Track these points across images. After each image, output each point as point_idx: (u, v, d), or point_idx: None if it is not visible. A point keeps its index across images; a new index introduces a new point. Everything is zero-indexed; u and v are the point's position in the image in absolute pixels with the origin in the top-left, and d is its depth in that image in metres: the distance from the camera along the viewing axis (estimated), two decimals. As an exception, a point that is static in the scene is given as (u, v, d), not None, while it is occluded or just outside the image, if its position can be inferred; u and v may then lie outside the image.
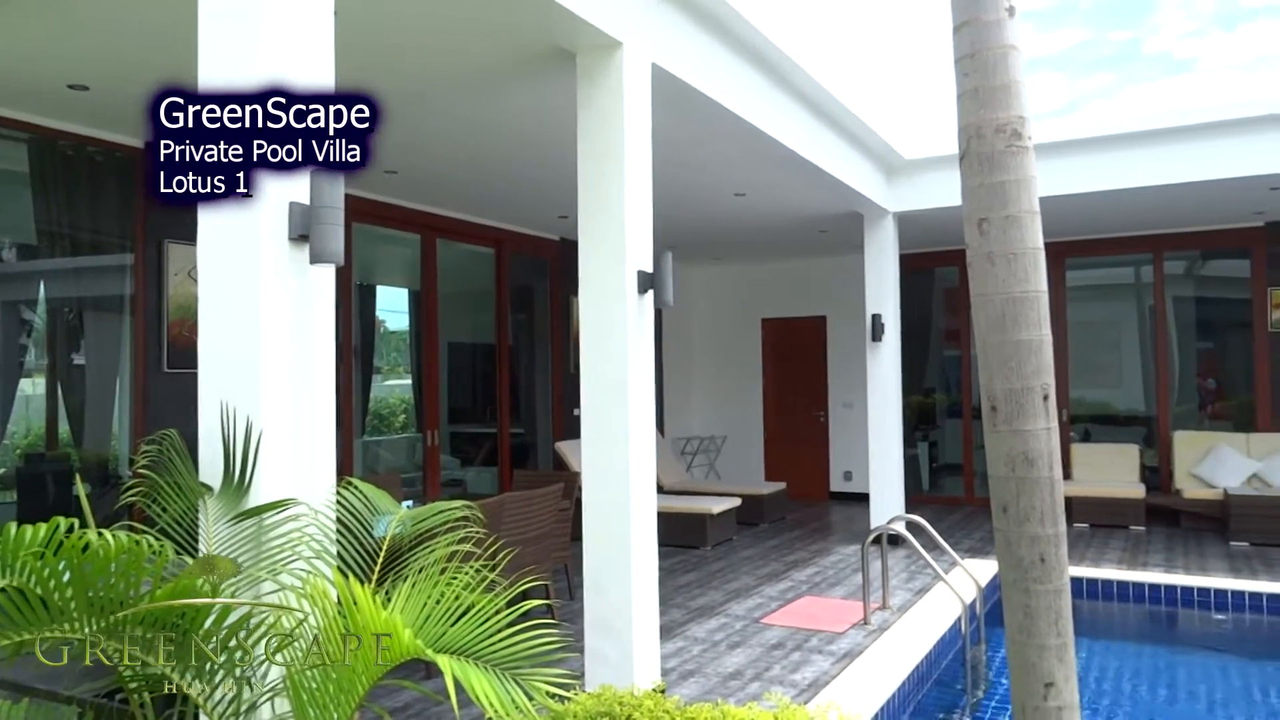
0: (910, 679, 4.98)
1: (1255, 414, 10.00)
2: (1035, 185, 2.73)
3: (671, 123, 5.59)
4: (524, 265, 9.99)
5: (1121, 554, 8.21)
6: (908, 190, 8.88)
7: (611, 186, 4.40)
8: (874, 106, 7.63)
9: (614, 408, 4.36)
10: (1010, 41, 2.73)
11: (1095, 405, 11.21)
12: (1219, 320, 10.86)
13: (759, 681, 4.91)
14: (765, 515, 10.15)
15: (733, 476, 12.51)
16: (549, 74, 4.87)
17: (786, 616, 6.25)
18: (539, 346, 10.22)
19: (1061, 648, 2.59)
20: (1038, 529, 2.59)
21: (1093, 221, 9.83)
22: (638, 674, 4.24)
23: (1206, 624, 6.89)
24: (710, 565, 8.02)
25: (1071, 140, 8.06)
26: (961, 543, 8.71)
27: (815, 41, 6.36)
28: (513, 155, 6.68)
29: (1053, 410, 2.67)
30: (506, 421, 9.54)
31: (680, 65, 4.88)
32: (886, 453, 8.87)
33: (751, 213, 9.04)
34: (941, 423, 12.17)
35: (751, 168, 7.19)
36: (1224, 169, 7.66)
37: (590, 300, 4.46)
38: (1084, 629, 6.65)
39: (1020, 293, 2.65)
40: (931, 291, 12.07)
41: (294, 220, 2.62)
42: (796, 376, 12.63)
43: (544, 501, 5.89)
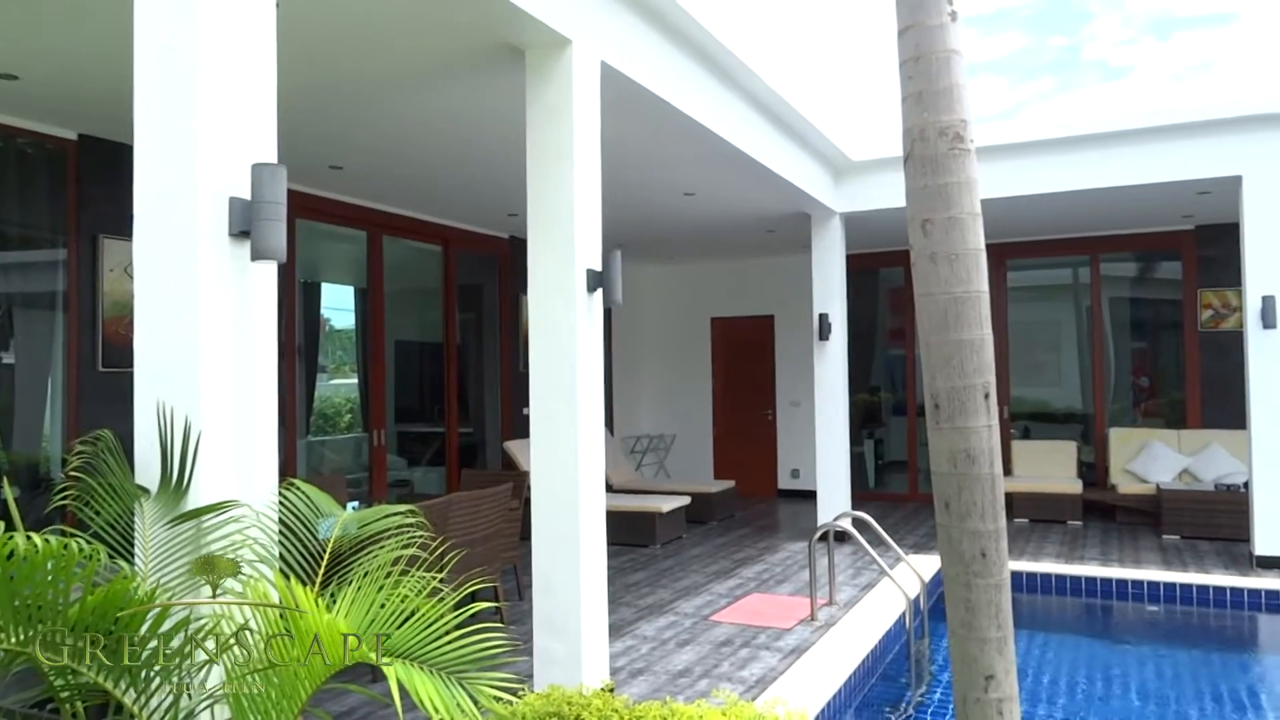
0: (856, 674, 5.05)
1: (1186, 411, 10.34)
2: (977, 188, 2.78)
3: (621, 121, 5.59)
4: (473, 263, 9.90)
5: (1059, 548, 8.42)
6: (854, 191, 9.00)
7: (561, 185, 4.38)
8: (822, 108, 7.71)
9: (563, 407, 4.34)
10: (953, 46, 2.78)
11: (1034, 403, 11.48)
12: (1152, 320, 11.20)
13: (708, 679, 4.93)
14: (714, 513, 10.21)
15: (682, 475, 12.57)
16: (498, 71, 4.84)
17: (735, 614, 6.29)
18: (488, 345, 10.15)
19: (1002, 640, 2.64)
20: (979, 524, 2.65)
21: (1032, 224, 10.07)
22: (587, 673, 4.24)
23: (1140, 615, 7.10)
24: (660, 563, 8.04)
25: (1012, 144, 8.25)
26: (906, 539, 8.86)
27: (764, 43, 6.41)
28: (461, 152, 6.62)
29: (993, 408, 2.72)
30: (455, 421, 9.46)
31: (630, 64, 4.88)
32: (833, 450, 8.98)
33: (700, 212, 9.08)
34: (887, 421, 12.36)
35: (701, 167, 7.22)
36: (1155, 174, 7.91)
37: (539, 299, 4.44)
38: (1024, 622, 6.82)
39: (962, 293, 2.70)
40: (877, 291, 12.27)
41: (234, 216, 2.56)
42: (745, 375, 12.72)
43: (492, 501, 5.85)
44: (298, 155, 6.52)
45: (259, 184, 2.57)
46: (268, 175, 2.58)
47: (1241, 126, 7.61)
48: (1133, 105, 8.10)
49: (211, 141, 2.53)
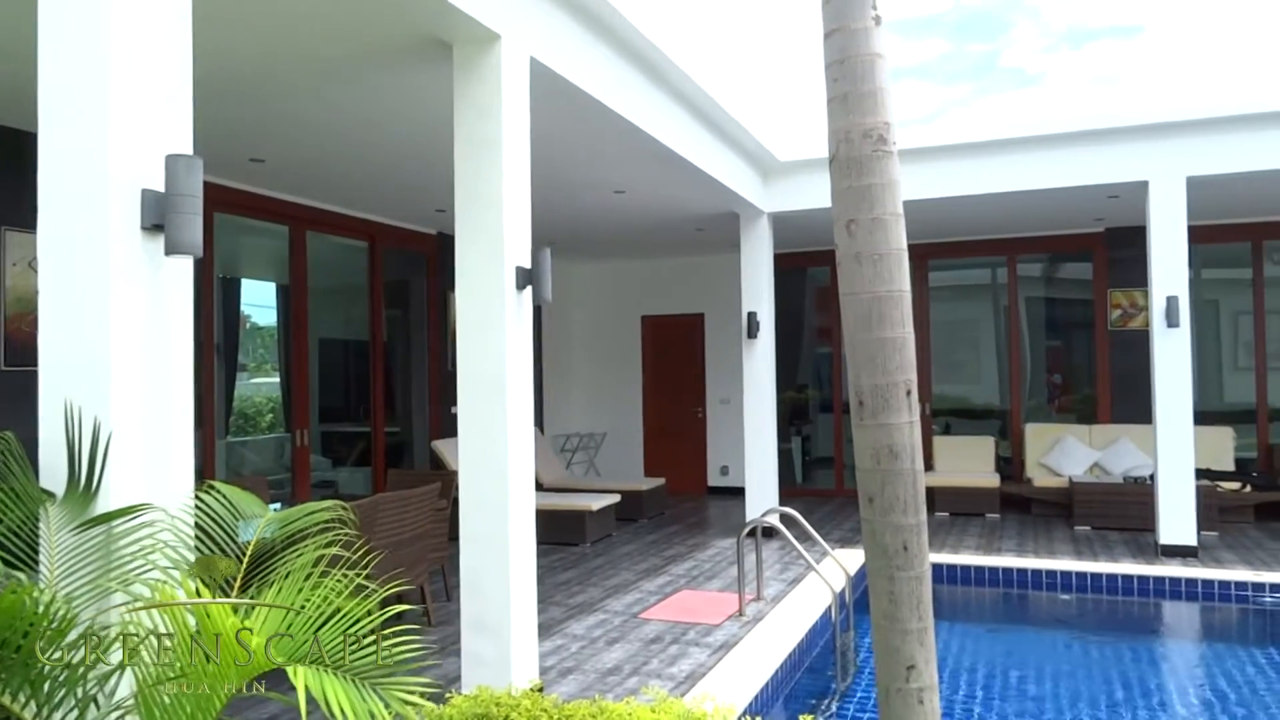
0: (783, 667, 5.12)
1: (1097, 407, 10.76)
2: (899, 189, 2.84)
3: (551, 118, 5.56)
4: (400, 259, 9.74)
5: (978, 540, 8.67)
6: (782, 191, 9.12)
7: (489, 181, 4.34)
8: (751, 109, 7.80)
9: (492, 405, 4.30)
10: (877, 50, 2.83)
11: (955, 399, 11.81)
12: (1065, 320, 11.62)
13: (637, 676, 4.95)
14: (645, 511, 10.24)
15: (612, 473, 12.57)
16: (425, 64, 4.77)
17: (664, 611, 6.32)
18: (415, 343, 10.00)
19: (923, 631, 2.71)
20: (901, 518, 2.71)
21: (953, 225, 10.35)
22: (515, 674, 4.21)
23: (1054, 604, 7.36)
24: (590, 562, 8.03)
25: (933, 147, 8.47)
26: (832, 533, 9.02)
27: (694, 43, 6.45)
28: (387, 146, 6.51)
29: (915, 405, 2.79)
30: (381, 420, 9.29)
31: (560, 60, 4.86)
32: (761, 447, 9.09)
33: (631, 210, 9.09)
34: (814, 417, 12.57)
35: (631, 165, 7.23)
36: (1068, 178, 8.20)
37: (468, 296, 4.39)
38: (944, 613, 7.01)
39: (885, 292, 2.76)
40: (805, 290, 12.46)
41: (147, 208, 2.47)
42: (675, 373, 12.79)
43: (420, 502, 5.77)
44: (216, 147, 6.33)
45: (173, 176, 2.48)
46: (183, 167, 2.49)
47: (1148, 134, 7.95)
48: (1048, 112, 8.38)
49: (122, 130, 2.44)
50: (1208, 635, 6.93)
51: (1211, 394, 10.62)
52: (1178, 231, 7.83)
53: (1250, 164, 7.66)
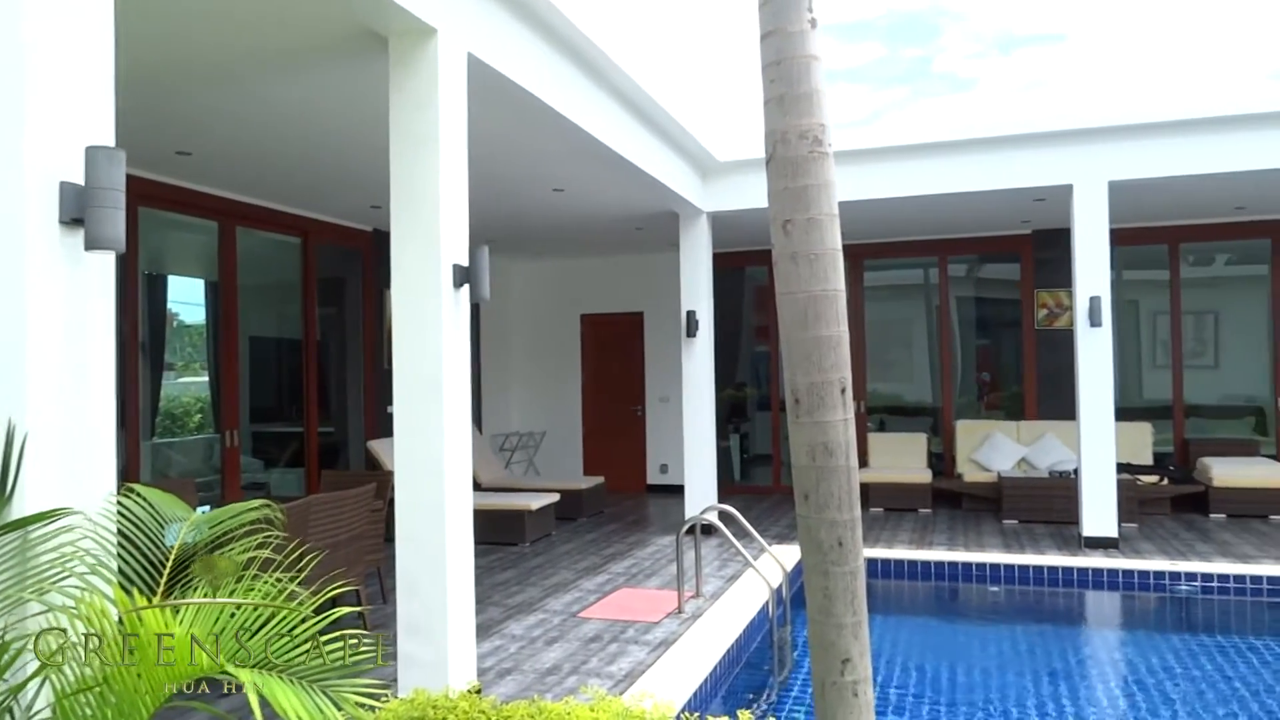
0: (721, 663, 5.16)
1: (1024, 404, 11.08)
2: (835, 190, 2.88)
3: (489, 115, 5.51)
4: (334, 256, 9.56)
5: (911, 535, 8.86)
6: (721, 191, 9.19)
7: (426, 177, 4.29)
8: (690, 109, 7.84)
9: (428, 404, 4.25)
10: (812, 52, 2.86)
11: (889, 397, 12.04)
12: (994, 319, 11.94)
13: (576, 675, 4.94)
14: (584, 509, 10.23)
15: (552, 472, 12.53)
16: (360, 57, 4.69)
17: (604, 609, 6.32)
18: (350, 341, 9.83)
19: (857, 625, 2.75)
20: (836, 514, 2.75)
21: (887, 226, 10.55)
22: (453, 676, 4.16)
23: (983, 596, 7.56)
24: (529, 561, 7.99)
25: (868, 149, 8.62)
26: (770, 530, 9.12)
27: (634, 42, 6.46)
28: (321, 140, 6.38)
29: (849, 402, 2.83)
30: (314, 420, 9.11)
31: (498, 57, 4.82)
32: (700, 445, 9.15)
33: (570, 208, 9.07)
34: (752, 415, 12.69)
35: (570, 163, 7.21)
36: (997, 181, 8.42)
37: (403, 294, 4.33)
38: (878, 606, 7.14)
39: (820, 291, 2.79)
40: (743, 290, 12.57)
41: (65, 202, 2.38)
42: (615, 372, 12.80)
43: (355, 503, 5.67)
44: (140, 139, 6.13)
45: (94, 168, 2.40)
46: (104, 159, 2.41)
47: (1072, 139, 8.20)
48: (978, 116, 8.60)
49: (39, 121, 2.34)
50: (1128, 623, 7.19)
51: (1131, 391, 11.02)
52: (1100, 234, 8.09)
53: (1167, 169, 7.96)
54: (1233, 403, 10.94)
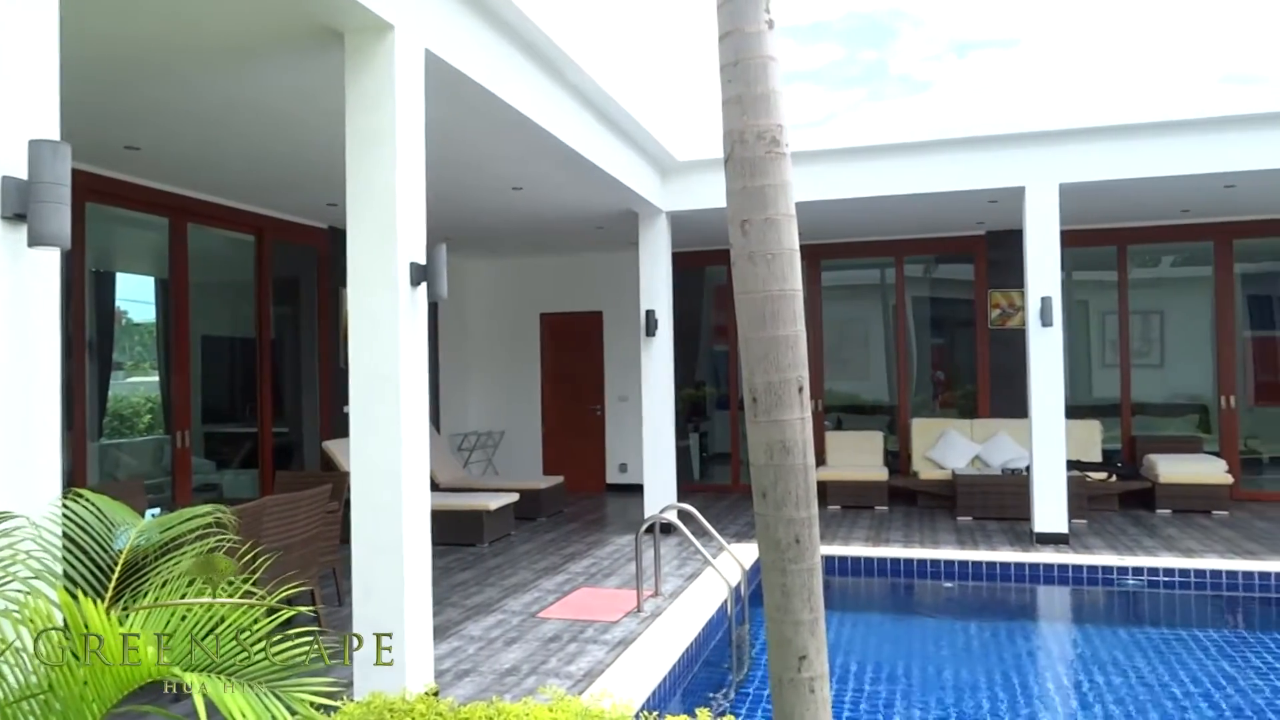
0: (680, 662, 5.18)
1: (977, 402, 11.26)
2: (792, 190, 2.90)
3: (447, 112, 5.47)
4: (289, 254, 9.42)
5: (868, 532, 8.96)
6: (680, 191, 9.21)
7: (382, 174, 4.24)
8: (649, 108, 7.84)
9: (385, 404, 4.21)
10: (770, 53, 2.88)
11: (846, 396, 12.17)
12: (948, 318, 12.12)
13: (535, 675, 4.92)
14: (543, 509, 10.20)
15: (511, 472, 12.48)
16: (315, 53, 4.62)
17: (563, 609, 6.30)
18: (306, 340, 9.69)
19: (814, 622, 2.78)
20: (793, 512, 2.77)
21: (844, 226, 10.65)
22: (410, 678, 4.13)
23: (938, 591, 7.67)
24: (487, 562, 7.95)
25: (826, 150, 8.70)
26: (729, 528, 9.16)
27: (593, 41, 6.45)
28: (275, 137, 6.28)
29: (806, 401, 2.85)
30: (269, 420, 8.97)
31: (456, 54, 4.79)
32: (659, 444, 9.16)
33: (529, 207, 9.03)
34: (711, 414, 12.74)
35: (529, 162, 7.18)
36: (952, 183, 8.55)
37: (359, 292, 4.28)
38: (835, 603, 7.21)
39: (778, 291, 2.81)
40: (702, 289, 12.62)
41: (8, 197, 2.31)
42: (574, 371, 12.77)
43: (310, 504, 5.59)
44: (87, 133, 5.99)
45: (37, 162, 2.34)
46: (48, 153, 2.35)
47: (1024, 142, 8.36)
48: (934, 119, 8.72)
49: (-21, 113, 2.28)
50: (1078, 617, 7.35)
51: (1081, 389, 11.26)
52: (1051, 235, 8.25)
53: (1116, 172, 8.14)
54: (1177, 401, 11.23)
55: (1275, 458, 10.96)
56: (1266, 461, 10.92)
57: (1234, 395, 10.70)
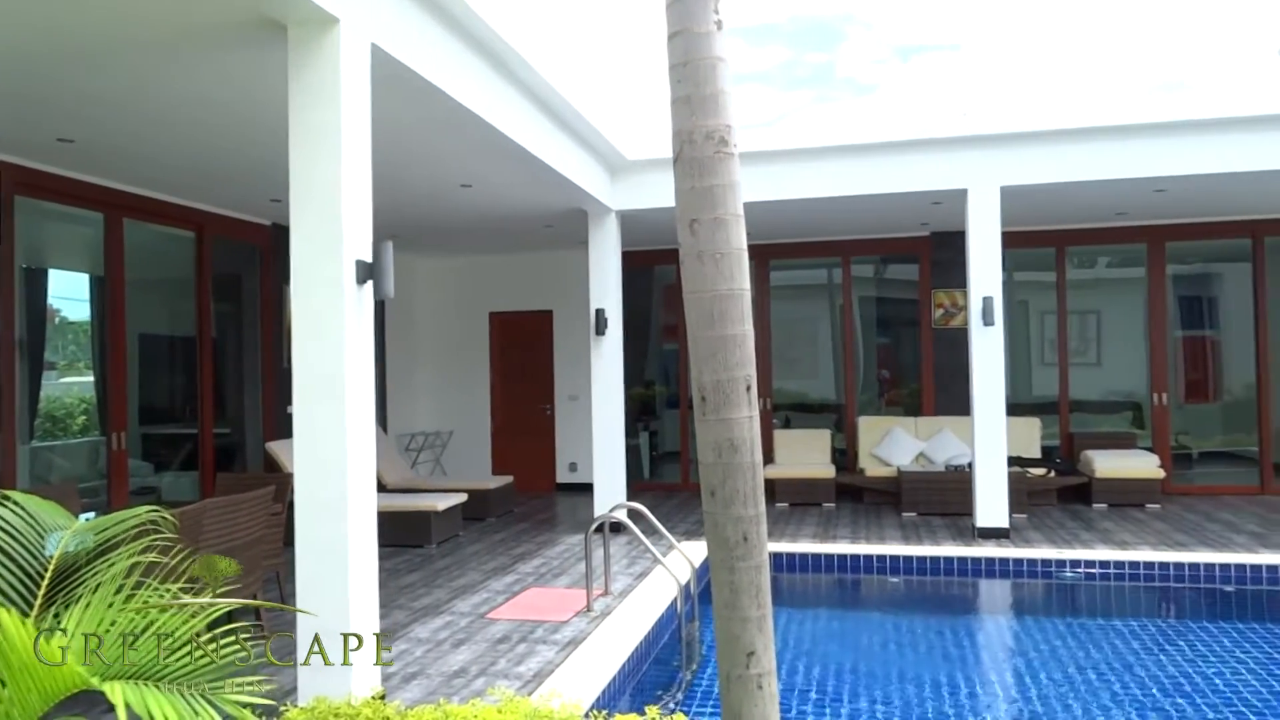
0: (630, 660, 5.19)
1: (922, 400, 11.46)
2: (740, 190, 2.92)
3: (394, 108, 5.40)
4: (231, 251, 9.22)
5: (815, 529, 9.06)
6: (630, 190, 9.22)
7: (327, 170, 4.18)
8: (599, 106, 7.83)
9: (330, 404, 4.14)
10: (718, 53, 2.90)
11: (794, 394, 12.29)
12: (894, 318, 12.32)
13: (484, 677, 4.89)
14: (492, 509, 10.13)
15: (459, 472, 12.37)
16: (259, 45, 4.53)
17: (512, 610, 6.27)
18: (248, 339, 9.50)
19: (761, 619, 2.80)
20: (741, 510, 2.79)
21: (792, 226, 10.76)
22: (356, 682, 4.07)
23: (884, 586, 7.79)
24: (435, 563, 7.87)
25: (774, 151, 8.78)
26: (678, 526, 9.20)
27: (543, 38, 6.42)
28: (217, 130, 6.14)
29: (754, 400, 2.88)
30: (209, 421, 8.77)
31: (403, 49, 4.73)
32: (609, 443, 9.16)
33: (478, 205, 8.96)
34: (661, 413, 12.78)
35: (477, 159, 7.12)
36: (897, 185, 8.69)
37: (303, 290, 4.21)
38: (784, 599, 7.29)
39: (726, 290, 2.83)
40: (652, 288, 12.64)
41: (-70, 190, 2.23)
42: (524, 370, 12.71)
43: (252, 506, 5.49)
44: (18, 125, 5.80)
45: (-38, 154, 2.25)
46: (-26, 145, 2.26)
47: (967, 145, 8.52)
48: (880, 121, 8.85)
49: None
50: (1018, 609, 7.52)
51: (1022, 387, 11.52)
52: (993, 237, 8.43)
53: (1055, 175, 8.34)
54: (1113, 398, 11.56)
55: (1204, 453, 11.35)
56: (1196, 457, 11.31)
57: (1166, 393, 11.05)
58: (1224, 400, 11.50)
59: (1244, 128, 7.99)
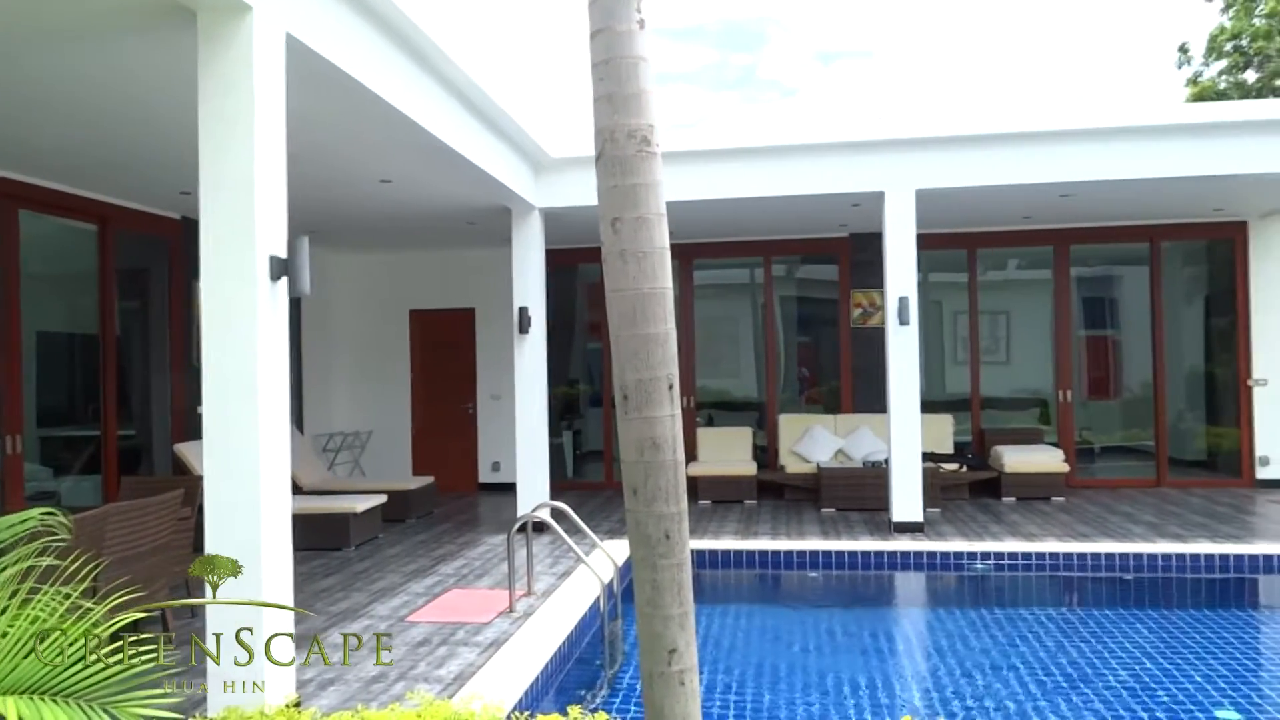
0: (553, 660, 5.17)
1: (841, 398, 11.70)
2: (662, 189, 2.93)
3: (310, 100, 5.26)
4: (137, 245, 8.86)
5: (737, 526, 9.17)
6: (554, 188, 9.17)
7: (239, 163, 4.05)
8: (523, 103, 7.77)
9: (242, 404, 4.02)
10: (641, 53, 2.91)
11: (717, 392, 12.41)
12: (814, 317, 12.55)
13: (404, 681, 4.80)
14: (413, 510, 9.97)
15: (379, 472, 12.13)
16: (167, 32, 4.36)
17: (433, 612, 6.18)
18: (156, 337, 9.14)
19: (683, 616, 2.82)
20: (663, 508, 2.80)
21: (716, 226, 10.86)
22: (270, 691, 3.95)
23: (803, 581, 7.93)
24: (354, 566, 7.70)
25: (697, 151, 8.84)
26: (602, 525, 9.20)
27: (464, 32, 6.34)
28: (123, 120, 5.89)
29: (676, 398, 2.89)
30: (113, 422, 8.41)
31: (320, 40, 4.61)
32: (533, 442, 9.10)
33: (398, 201, 8.79)
34: (585, 412, 12.76)
35: (397, 154, 6.99)
36: (818, 186, 8.85)
37: (214, 286, 4.07)
38: (705, 596, 7.35)
39: (649, 289, 2.84)
40: (576, 286, 12.61)
41: None
42: (445, 369, 12.54)
43: (159, 511, 5.29)
44: (-100, 109, 5.47)
45: None
46: None
47: (884, 149, 8.73)
48: (800, 123, 9.01)
49: None
50: (932, 600, 7.75)
51: (936, 385, 11.86)
52: (908, 238, 8.65)
53: (967, 179, 8.61)
54: (1021, 395, 12.00)
55: (1105, 447, 11.88)
56: (1098, 451, 11.82)
57: (1070, 390, 11.51)
58: (1124, 397, 12.05)
59: (1143, 136, 8.38)
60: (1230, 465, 11.23)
